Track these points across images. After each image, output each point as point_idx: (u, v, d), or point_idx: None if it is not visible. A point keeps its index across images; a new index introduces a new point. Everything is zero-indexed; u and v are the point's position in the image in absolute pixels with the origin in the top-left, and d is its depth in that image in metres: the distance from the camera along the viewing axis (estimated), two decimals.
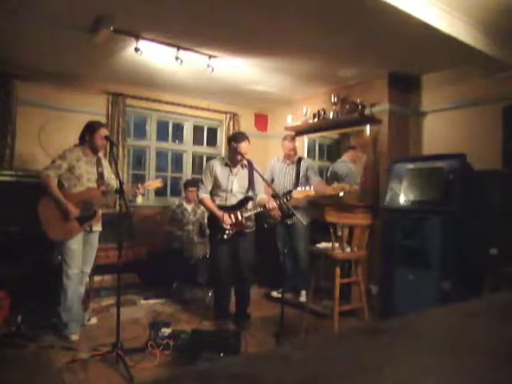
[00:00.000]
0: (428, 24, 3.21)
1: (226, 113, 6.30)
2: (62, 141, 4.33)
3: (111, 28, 3.43)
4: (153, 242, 5.05)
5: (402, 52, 3.99)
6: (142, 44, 3.75)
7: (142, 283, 4.87)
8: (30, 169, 4.58)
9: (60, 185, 3.40)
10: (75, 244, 3.41)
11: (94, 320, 3.80)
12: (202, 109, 6.13)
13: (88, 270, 3.66)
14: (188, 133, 6.21)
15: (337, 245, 3.30)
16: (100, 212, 3.60)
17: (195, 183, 5.38)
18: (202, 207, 5.15)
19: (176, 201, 5.35)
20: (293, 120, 5.55)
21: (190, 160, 6.25)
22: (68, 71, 4.89)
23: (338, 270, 3.22)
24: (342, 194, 4.18)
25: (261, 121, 6.72)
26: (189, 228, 5.06)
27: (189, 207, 5.17)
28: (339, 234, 3.32)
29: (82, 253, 3.48)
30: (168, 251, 4.91)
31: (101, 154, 3.70)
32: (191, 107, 6.00)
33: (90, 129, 3.51)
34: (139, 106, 5.64)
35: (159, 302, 4.55)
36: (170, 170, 6.36)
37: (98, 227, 3.62)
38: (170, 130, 6.14)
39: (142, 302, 4.54)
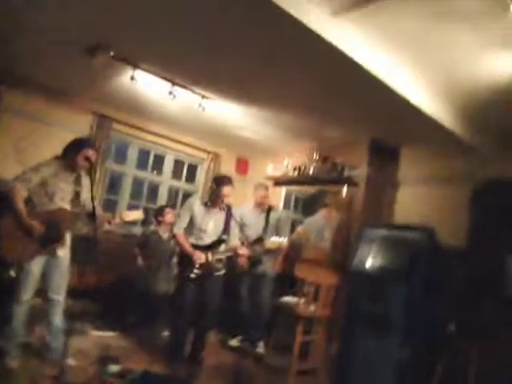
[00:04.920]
0: (409, 101, 3.43)
1: (208, 152, 6.37)
2: (38, 154, 4.22)
3: (111, 53, 3.48)
4: (117, 270, 4.89)
5: (384, 121, 4.21)
6: (139, 73, 3.81)
7: (97, 311, 4.66)
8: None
9: (28, 200, 3.11)
10: (34, 266, 3.11)
11: (71, 361, 3.34)
12: (186, 144, 6.18)
13: (59, 298, 3.29)
14: (168, 165, 6.21)
15: (302, 301, 3.29)
16: (67, 236, 3.32)
17: (172, 206, 5.31)
18: None
19: (150, 228, 5.11)
20: (274, 170, 5.66)
21: (166, 193, 6.21)
22: (59, 86, 4.87)
23: (299, 327, 3.20)
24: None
25: (242, 165, 6.81)
26: (157, 259, 4.84)
27: (164, 235, 4.94)
28: (305, 290, 3.32)
29: (45, 278, 3.21)
30: (131, 282, 4.75)
31: (82, 172, 3.40)
32: (175, 141, 6.04)
33: (77, 146, 3.26)
34: (123, 132, 5.63)
35: (111, 335, 4.34)
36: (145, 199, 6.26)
37: (64, 253, 3.31)
38: (151, 160, 6.12)
39: (94, 332, 4.32)
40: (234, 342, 4.58)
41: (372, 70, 2.96)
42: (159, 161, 6.22)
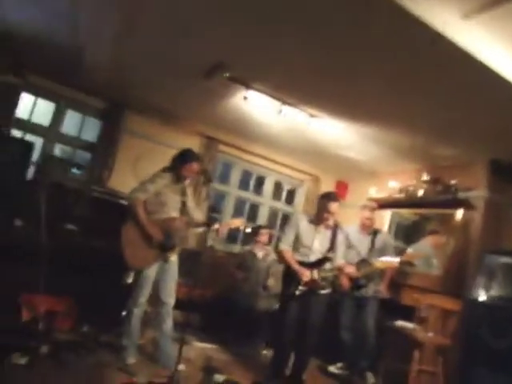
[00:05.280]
0: None
1: (308, 174, 6.38)
2: (152, 171, 4.58)
3: (226, 74, 3.67)
4: (218, 285, 5.02)
5: (507, 139, 3.86)
6: (251, 94, 3.97)
7: (199, 325, 4.79)
8: (121, 191, 4.85)
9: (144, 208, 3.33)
10: (151, 272, 3.35)
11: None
12: (287, 166, 6.27)
13: (172, 301, 3.48)
14: (269, 186, 6.33)
15: (418, 327, 3.06)
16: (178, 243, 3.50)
17: (267, 227, 5.38)
18: (272, 256, 5.15)
19: (246, 247, 5.27)
20: (377, 192, 5.47)
21: (266, 214, 6.31)
22: (172, 110, 5.26)
23: (416, 354, 2.95)
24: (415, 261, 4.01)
25: (341, 188, 6.69)
26: (256, 277, 4.94)
27: (260, 253, 5.06)
28: (423, 315, 3.09)
29: (159, 283, 3.42)
30: (232, 298, 4.83)
31: (187, 183, 3.60)
32: (276, 162, 6.16)
33: (184, 158, 3.45)
34: (228, 153, 5.88)
35: (212, 348, 4.42)
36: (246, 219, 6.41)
37: (174, 258, 3.52)
38: (253, 181, 6.29)
39: (196, 343, 4.44)
40: (333, 369, 4.38)
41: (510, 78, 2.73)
42: (260, 182, 6.37)
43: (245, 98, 3.93)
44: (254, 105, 4.26)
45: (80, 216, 4.27)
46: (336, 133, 4.68)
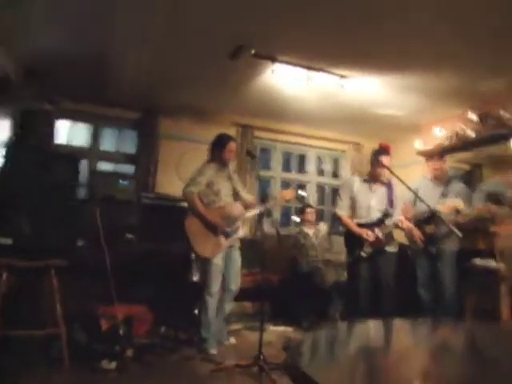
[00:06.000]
0: None
1: (349, 143, 6.23)
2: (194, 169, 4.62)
3: (252, 51, 3.62)
4: (281, 269, 4.98)
5: None
6: (277, 67, 3.89)
7: (270, 311, 4.77)
8: (168, 194, 4.91)
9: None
10: (218, 260, 3.40)
11: (232, 340, 3.76)
12: (325, 139, 6.15)
13: (234, 287, 3.55)
14: (311, 163, 6.24)
15: (500, 262, 2.89)
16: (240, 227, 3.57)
17: (311, 205, 5.35)
18: (322, 232, 5.12)
19: (296, 229, 5.27)
20: (423, 144, 5.25)
21: (314, 191, 6.22)
22: (203, 105, 5.25)
23: (503, 288, 2.79)
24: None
25: None
26: (313, 253, 4.91)
27: (310, 231, 5.06)
28: (503, 247, 2.91)
29: (224, 270, 3.47)
30: (297, 279, 4.79)
31: (231, 169, 3.71)
32: (314, 137, 6.05)
33: (220, 144, 3.57)
34: (265, 138, 5.84)
35: (288, 330, 4.39)
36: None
37: (237, 243, 3.60)
38: (295, 161, 6.22)
39: (271, 328, 4.42)
40: None
41: None
42: (302, 160, 6.28)
43: (272, 71, 3.86)
44: (283, 79, 4.18)
45: (135, 224, 4.36)
46: (370, 91, 4.51)
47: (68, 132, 5.22)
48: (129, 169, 5.36)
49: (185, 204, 4.25)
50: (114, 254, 3.55)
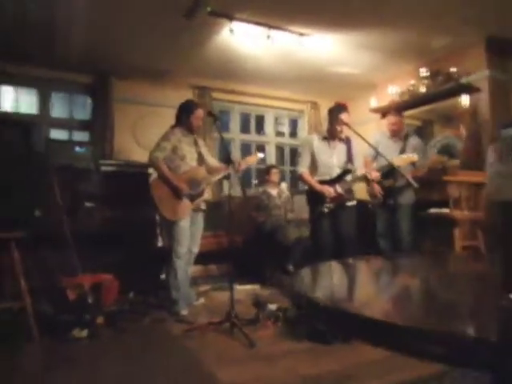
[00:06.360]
0: None
1: (307, 102, 6.26)
2: (154, 134, 4.50)
3: (208, 9, 3.51)
4: (245, 230, 5.06)
5: (503, 13, 3.73)
6: (236, 25, 3.81)
7: (235, 271, 4.87)
8: (128, 159, 4.79)
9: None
10: (185, 223, 3.45)
11: (201, 300, 3.86)
12: (283, 99, 6.15)
13: (196, 250, 3.66)
14: (269, 124, 6.25)
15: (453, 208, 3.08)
16: (205, 190, 3.62)
17: (276, 166, 5.44)
18: (286, 193, 5.23)
19: (260, 189, 5.35)
20: (377, 101, 5.38)
21: (273, 151, 6.27)
22: (158, 67, 5.07)
23: (456, 232, 3.00)
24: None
25: None
26: (276, 212, 5.03)
27: (273, 191, 5.16)
28: (454, 195, 3.10)
29: (190, 234, 3.52)
30: (259, 238, 4.90)
31: (196, 134, 3.74)
32: (272, 98, 6.04)
33: (187, 110, 3.57)
34: (223, 99, 5.77)
35: (255, 288, 4.53)
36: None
37: (203, 206, 3.67)
38: (253, 122, 6.20)
39: (238, 287, 4.54)
40: None
41: None
42: (261, 121, 6.27)
43: (231, 30, 3.78)
44: (241, 38, 4.10)
45: (95, 192, 4.26)
46: (328, 49, 4.54)
47: (14, 98, 4.91)
48: (84, 136, 5.16)
49: (145, 170, 4.24)
50: (75, 223, 3.50)
